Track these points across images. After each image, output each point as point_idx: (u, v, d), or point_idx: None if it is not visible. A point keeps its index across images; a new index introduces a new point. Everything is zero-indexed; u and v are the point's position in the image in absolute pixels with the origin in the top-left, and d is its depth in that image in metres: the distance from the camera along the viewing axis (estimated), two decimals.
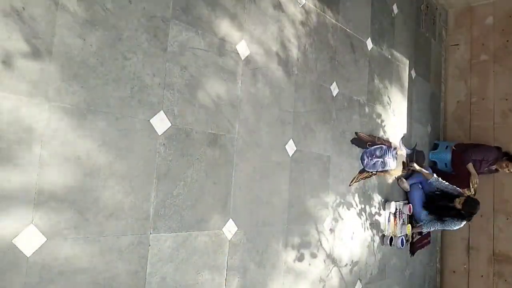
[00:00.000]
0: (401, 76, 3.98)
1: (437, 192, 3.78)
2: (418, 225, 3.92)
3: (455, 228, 3.75)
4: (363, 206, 3.32)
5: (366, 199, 3.37)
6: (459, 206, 3.58)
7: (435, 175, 3.76)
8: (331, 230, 2.95)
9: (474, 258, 4.54)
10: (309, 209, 2.79)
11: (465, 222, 3.71)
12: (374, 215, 3.48)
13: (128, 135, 1.75)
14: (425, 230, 3.92)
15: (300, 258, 2.69)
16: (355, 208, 3.23)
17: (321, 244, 2.87)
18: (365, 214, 3.35)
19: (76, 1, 1.59)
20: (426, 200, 3.84)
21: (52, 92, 1.51)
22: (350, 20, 3.24)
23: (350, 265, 3.17)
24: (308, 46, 2.80)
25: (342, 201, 3.09)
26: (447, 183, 3.71)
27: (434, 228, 3.87)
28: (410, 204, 3.82)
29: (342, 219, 3.08)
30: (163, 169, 1.89)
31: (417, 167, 3.83)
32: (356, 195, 3.25)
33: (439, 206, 3.74)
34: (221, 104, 2.17)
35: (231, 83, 2.23)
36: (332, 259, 2.97)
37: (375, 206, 3.49)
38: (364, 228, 3.34)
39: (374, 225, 3.47)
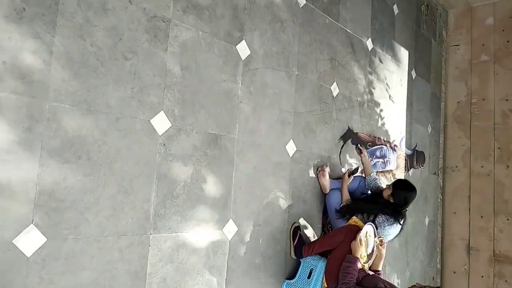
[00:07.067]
0: (401, 76, 3.98)
1: (364, 195, 2.92)
2: None
3: (390, 235, 2.61)
4: None
5: None
6: (388, 192, 2.63)
7: (374, 172, 3.15)
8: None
9: (475, 258, 4.53)
10: (310, 209, 2.78)
11: (400, 224, 2.62)
12: None
13: (129, 135, 1.75)
14: None
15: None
16: None
17: None
18: None
19: (76, 1, 1.59)
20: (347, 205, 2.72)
21: (52, 92, 1.51)
22: (350, 20, 3.24)
23: None
24: (309, 46, 2.80)
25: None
26: (379, 184, 2.91)
27: None
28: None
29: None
30: (163, 169, 1.88)
31: (366, 155, 3.05)
32: None
33: (365, 200, 2.78)
34: (221, 104, 2.17)
35: (231, 83, 2.23)
36: None
37: None
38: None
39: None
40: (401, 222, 2.64)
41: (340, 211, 2.68)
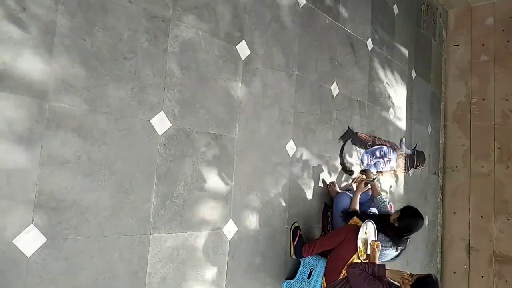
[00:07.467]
0: (401, 76, 3.98)
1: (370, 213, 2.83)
2: None
3: (384, 256, 2.60)
4: None
5: None
6: (395, 216, 2.56)
7: (383, 194, 3.07)
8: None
9: (475, 258, 4.53)
10: (310, 209, 2.78)
11: (399, 250, 2.63)
12: None
13: (129, 135, 1.75)
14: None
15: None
16: None
17: None
18: None
19: (76, 1, 1.59)
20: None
21: (52, 92, 1.51)
22: (350, 20, 3.24)
23: None
24: (308, 46, 2.80)
25: None
26: (389, 208, 2.85)
27: None
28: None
29: None
30: (163, 169, 1.88)
31: (372, 177, 2.98)
32: None
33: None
34: (221, 104, 2.17)
35: (231, 83, 2.23)
36: None
37: None
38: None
39: None
40: (399, 249, 2.60)
41: (345, 213, 2.66)
